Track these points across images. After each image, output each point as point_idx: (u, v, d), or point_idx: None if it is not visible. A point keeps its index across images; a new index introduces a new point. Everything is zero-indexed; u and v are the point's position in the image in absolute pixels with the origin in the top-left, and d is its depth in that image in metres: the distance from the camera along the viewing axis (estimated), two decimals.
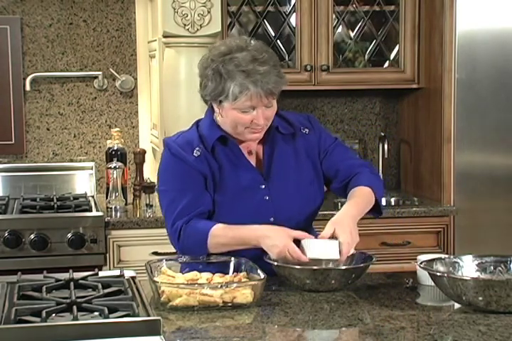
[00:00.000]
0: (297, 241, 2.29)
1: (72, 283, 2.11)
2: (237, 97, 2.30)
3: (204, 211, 2.41)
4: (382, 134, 4.26)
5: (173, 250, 3.47)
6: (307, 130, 2.52)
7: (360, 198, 2.44)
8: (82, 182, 4.06)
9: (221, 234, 2.35)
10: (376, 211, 2.51)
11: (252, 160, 2.48)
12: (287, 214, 2.42)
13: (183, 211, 2.40)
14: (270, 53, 2.38)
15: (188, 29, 3.53)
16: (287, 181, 2.45)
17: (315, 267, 2.27)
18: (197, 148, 2.43)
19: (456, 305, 2.09)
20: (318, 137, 2.53)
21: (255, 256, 2.31)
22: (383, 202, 3.92)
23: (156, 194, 3.70)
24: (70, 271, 2.21)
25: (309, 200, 2.47)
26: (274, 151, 2.47)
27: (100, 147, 4.13)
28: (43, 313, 1.83)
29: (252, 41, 2.39)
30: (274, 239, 2.27)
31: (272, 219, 2.41)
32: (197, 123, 2.53)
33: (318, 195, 2.51)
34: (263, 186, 2.44)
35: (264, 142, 2.48)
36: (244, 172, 2.43)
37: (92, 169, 4.07)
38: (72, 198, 3.82)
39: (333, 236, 2.27)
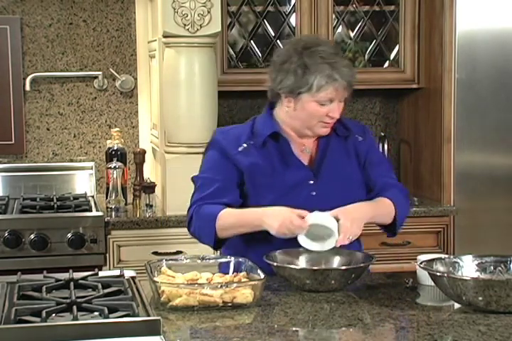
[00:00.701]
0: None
1: (72, 283, 2.11)
2: (322, 88, 2.37)
3: (225, 203, 2.44)
4: (382, 134, 4.26)
5: (173, 250, 3.51)
6: (361, 138, 2.57)
7: (378, 204, 2.48)
8: (82, 182, 4.06)
9: (227, 217, 2.40)
10: (391, 230, 2.54)
11: (304, 158, 2.51)
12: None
13: (204, 198, 2.47)
14: (339, 49, 2.49)
15: (188, 29, 3.53)
16: (336, 179, 2.49)
17: (315, 267, 2.28)
18: (244, 144, 2.48)
19: (456, 305, 2.09)
20: (368, 147, 2.58)
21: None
22: None
23: (156, 194, 3.72)
24: (70, 271, 2.21)
25: (354, 200, 2.46)
26: (327, 149, 2.51)
27: (100, 147, 4.13)
28: (43, 313, 1.83)
29: (324, 38, 2.49)
30: (276, 214, 2.32)
31: None
32: (254, 119, 2.57)
33: (362, 198, 2.51)
34: (311, 182, 2.47)
35: (320, 141, 2.53)
36: (293, 169, 2.47)
37: (92, 169, 4.06)
38: (72, 198, 3.82)
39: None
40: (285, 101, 2.45)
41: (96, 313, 1.89)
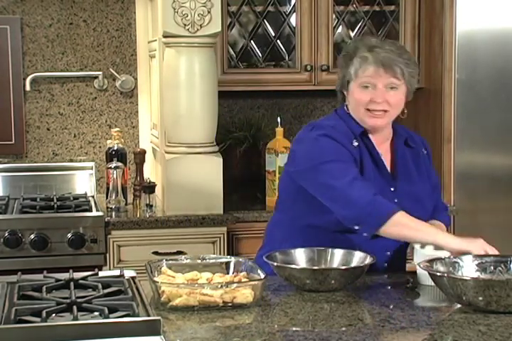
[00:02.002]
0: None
1: (72, 283, 2.11)
2: (357, 71, 2.37)
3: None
4: None
5: (173, 250, 3.50)
6: (425, 152, 2.60)
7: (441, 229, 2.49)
8: (82, 182, 4.06)
9: (405, 224, 2.30)
10: None
11: (385, 161, 2.50)
12: None
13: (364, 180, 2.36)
14: (407, 52, 2.45)
15: (188, 29, 3.53)
16: (411, 189, 2.48)
17: (315, 267, 2.28)
18: (355, 139, 2.44)
19: (457, 305, 2.09)
20: (429, 163, 2.62)
21: None
22: None
23: (156, 194, 3.71)
24: (70, 271, 2.21)
25: (425, 209, 2.48)
26: (400, 158, 2.50)
27: (100, 147, 4.13)
28: (43, 313, 1.83)
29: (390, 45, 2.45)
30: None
31: None
32: (338, 115, 2.51)
33: (430, 208, 2.53)
34: (392, 189, 2.46)
35: (395, 147, 2.53)
36: (380, 173, 2.46)
37: (92, 169, 4.06)
38: (72, 198, 3.82)
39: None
40: (346, 95, 2.47)
41: (96, 313, 1.89)
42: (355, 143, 2.44)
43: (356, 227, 2.33)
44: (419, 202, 2.48)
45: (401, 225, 2.29)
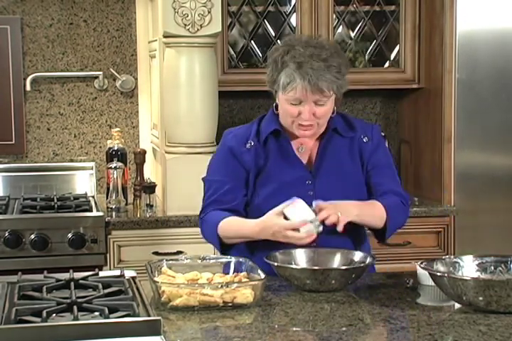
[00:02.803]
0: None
1: (72, 283, 2.11)
2: (285, 87, 2.36)
3: (234, 207, 2.47)
4: (383, 134, 4.25)
5: (174, 250, 3.51)
6: (366, 139, 2.53)
7: (367, 205, 2.45)
8: (83, 182, 4.06)
9: (226, 228, 2.44)
10: (380, 236, 2.52)
11: (304, 157, 2.50)
12: None
13: (212, 204, 2.49)
14: (338, 55, 2.39)
15: (188, 29, 3.53)
16: (335, 180, 2.47)
17: (315, 267, 2.28)
18: (250, 141, 2.49)
19: (457, 305, 2.09)
20: (374, 149, 2.54)
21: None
22: None
23: (156, 194, 3.72)
24: (71, 271, 2.21)
25: (353, 198, 2.44)
26: (327, 150, 2.49)
27: (100, 147, 4.13)
28: (44, 313, 1.83)
29: (325, 41, 2.43)
30: (268, 231, 2.34)
31: None
32: (261, 117, 2.57)
33: (362, 197, 2.49)
34: (309, 182, 2.46)
35: (320, 140, 2.51)
36: (291, 167, 2.47)
37: (92, 169, 4.07)
38: (72, 198, 3.82)
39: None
40: (275, 96, 2.47)
41: (96, 313, 1.89)
42: (248, 146, 2.48)
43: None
44: (343, 192, 2.44)
45: (224, 229, 2.44)
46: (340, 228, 2.30)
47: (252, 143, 2.49)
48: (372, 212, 2.44)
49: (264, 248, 2.40)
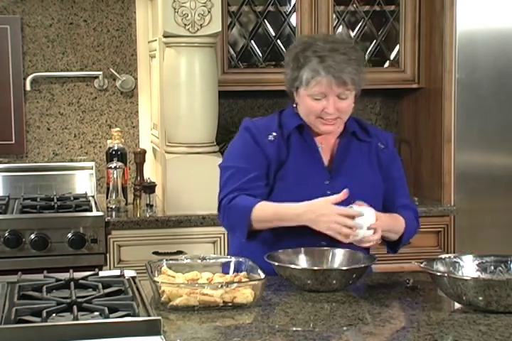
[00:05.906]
0: None
1: (72, 283, 2.11)
2: (309, 82, 2.36)
3: (257, 194, 2.41)
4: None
5: (174, 250, 3.51)
6: (383, 147, 2.55)
7: (396, 220, 2.46)
8: (83, 182, 4.06)
9: (264, 210, 2.35)
10: (393, 247, 2.55)
11: (325, 156, 2.50)
12: None
13: (237, 189, 2.42)
14: (355, 50, 2.43)
15: (188, 29, 3.53)
16: (353, 182, 2.44)
17: (316, 267, 2.28)
18: (273, 133, 2.47)
19: (457, 305, 2.09)
20: (390, 157, 2.56)
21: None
22: None
23: (156, 194, 3.72)
24: (71, 270, 2.21)
25: (369, 202, 2.41)
26: (346, 151, 2.50)
27: (100, 147, 4.13)
28: (44, 313, 1.83)
29: (341, 37, 2.43)
30: (314, 211, 2.28)
31: None
32: (280, 112, 2.56)
33: (378, 203, 2.48)
34: (327, 182, 2.45)
35: (340, 141, 2.51)
36: (311, 164, 2.46)
37: (92, 169, 4.07)
38: (72, 198, 3.82)
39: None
40: (294, 96, 2.47)
41: (96, 313, 1.89)
42: (271, 138, 2.46)
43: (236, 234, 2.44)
44: (360, 194, 2.40)
45: (260, 210, 2.35)
46: (377, 242, 2.33)
47: (276, 136, 2.46)
48: (397, 228, 2.46)
49: (290, 237, 2.37)
